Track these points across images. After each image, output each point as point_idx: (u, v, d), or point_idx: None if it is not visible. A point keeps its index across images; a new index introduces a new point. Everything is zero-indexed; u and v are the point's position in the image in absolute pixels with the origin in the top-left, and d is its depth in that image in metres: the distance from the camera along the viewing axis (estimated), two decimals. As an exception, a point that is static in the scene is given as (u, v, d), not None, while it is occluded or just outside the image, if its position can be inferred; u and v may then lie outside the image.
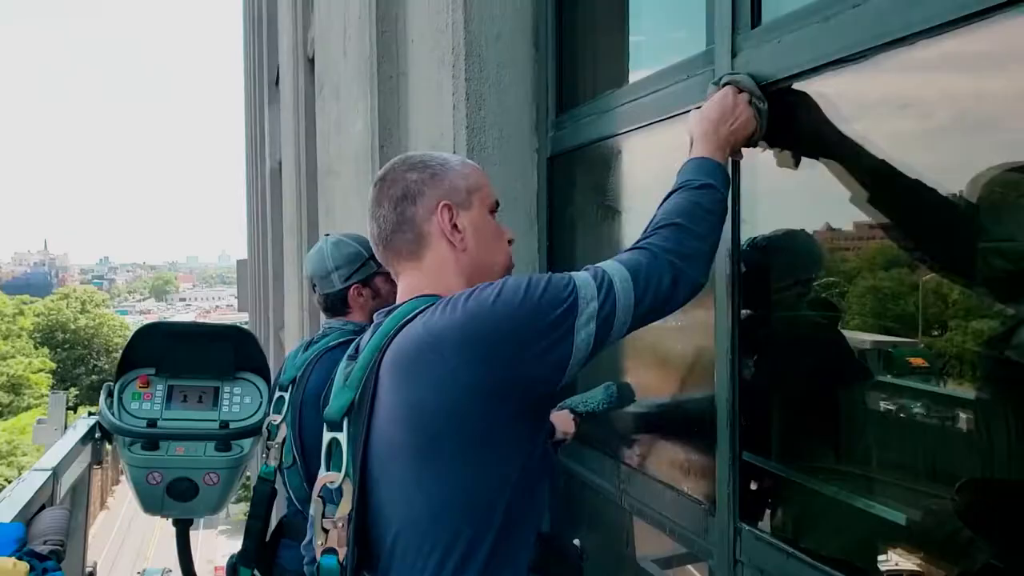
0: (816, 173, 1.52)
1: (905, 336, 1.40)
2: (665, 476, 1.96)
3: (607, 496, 2.17)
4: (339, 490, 1.28)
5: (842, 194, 1.44)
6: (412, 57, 3.06)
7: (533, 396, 1.22)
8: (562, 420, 2.20)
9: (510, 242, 1.44)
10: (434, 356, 1.18)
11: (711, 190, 1.35)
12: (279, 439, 2.17)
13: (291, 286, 7.59)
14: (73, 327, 48.49)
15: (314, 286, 2.32)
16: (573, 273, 1.24)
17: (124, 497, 37.14)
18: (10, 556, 1.51)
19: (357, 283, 2.23)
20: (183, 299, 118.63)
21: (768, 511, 1.66)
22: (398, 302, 1.36)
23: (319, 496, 1.31)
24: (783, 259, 1.67)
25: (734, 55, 1.62)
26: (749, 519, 1.60)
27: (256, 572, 2.25)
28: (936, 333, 1.33)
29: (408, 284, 1.37)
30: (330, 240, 2.30)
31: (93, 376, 44.07)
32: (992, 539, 1.21)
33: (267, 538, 2.28)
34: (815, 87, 1.47)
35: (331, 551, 1.27)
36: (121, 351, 2.62)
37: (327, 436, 1.31)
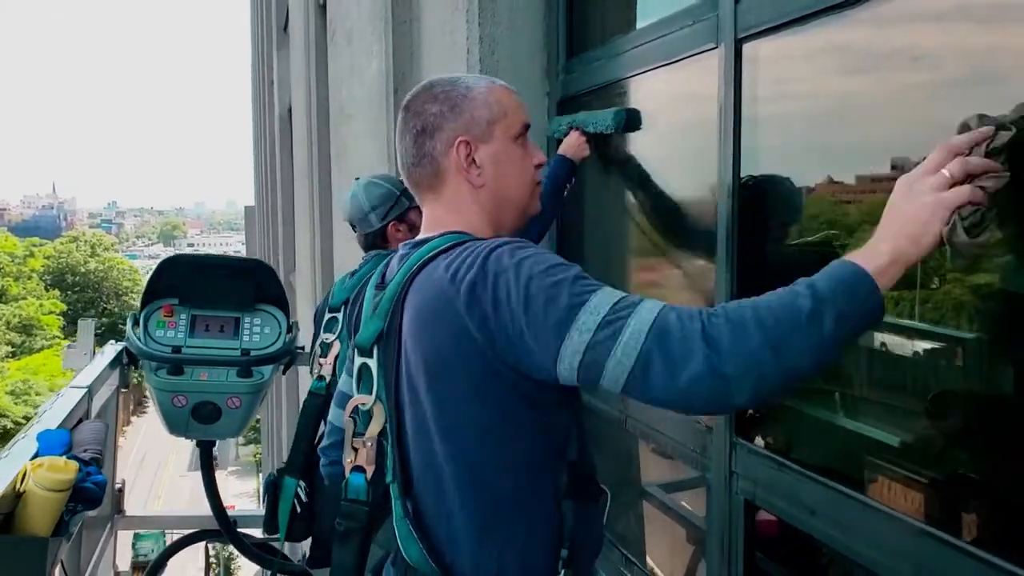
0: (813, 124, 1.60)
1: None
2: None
3: (611, 419, 2.30)
4: (369, 412, 1.33)
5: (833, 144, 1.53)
6: (426, 1, 3.12)
7: (530, 378, 1.18)
8: (573, 144, 2.28)
9: (539, 166, 1.39)
10: (453, 309, 1.18)
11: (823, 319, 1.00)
12: (331, 356, 2.36)
13: (303, 229, 7.67)
14: (83, 270, 48.73)
15: (354, 227, 2.47)
16: (602, 289, 1.13)
17: (137, 435, 37.63)
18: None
19: (394, 220, 2.39)
20: (191, 244, 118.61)
21: (761, 428, 1.76)
22: (423, 234, 1.38)
23: (351, 416, 1.37)
24: (776, 196, 1.75)
25: (737, 0, 1.69)
26: (744, 435, 1.72)
27: (301, 482, 2.44)
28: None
29: (432, 214, 1.38)
30: (361, 183, 2.44)
31: (104, 319, 44.39)
32: (962, 447, 1.32)
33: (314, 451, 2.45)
34: (820, 35, 1.51)
35: (359, 468, 1.35)
36: (146, 282, 2.75)
37: (358, 361, 1.35)
